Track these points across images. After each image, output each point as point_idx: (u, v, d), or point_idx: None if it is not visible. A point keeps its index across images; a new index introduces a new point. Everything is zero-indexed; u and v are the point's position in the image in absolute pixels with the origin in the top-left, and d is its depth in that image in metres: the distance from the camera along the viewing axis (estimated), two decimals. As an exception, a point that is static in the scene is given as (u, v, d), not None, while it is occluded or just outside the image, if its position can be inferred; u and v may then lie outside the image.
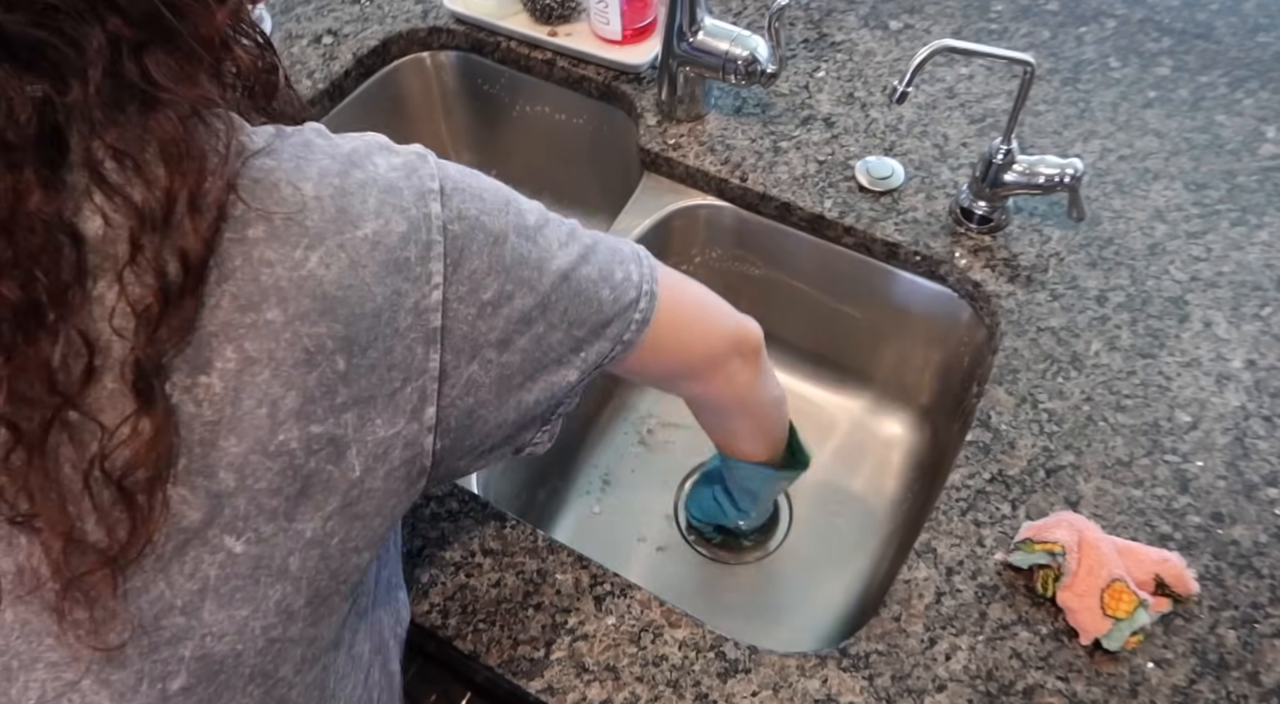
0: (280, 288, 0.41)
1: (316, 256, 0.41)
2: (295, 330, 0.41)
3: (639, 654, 0.65)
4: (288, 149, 0.44)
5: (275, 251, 0.41)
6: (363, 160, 0.45)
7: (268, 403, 0.41)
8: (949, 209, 0.88)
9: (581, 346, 0.53)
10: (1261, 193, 0.88)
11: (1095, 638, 0.62)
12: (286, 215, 0.41)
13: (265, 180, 0.42)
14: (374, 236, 0.43)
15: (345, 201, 0.43)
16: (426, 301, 0.45)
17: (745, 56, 0.88)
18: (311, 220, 0.42)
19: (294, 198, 0.42)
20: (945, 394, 0.96)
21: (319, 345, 0.41)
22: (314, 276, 0.41)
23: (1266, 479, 0.71)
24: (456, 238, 0.46)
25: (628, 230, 0.94)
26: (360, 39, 1.06)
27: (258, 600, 0.43)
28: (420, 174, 0.47)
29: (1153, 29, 1.02)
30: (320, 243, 0.42)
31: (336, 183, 0.43)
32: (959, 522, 0.70)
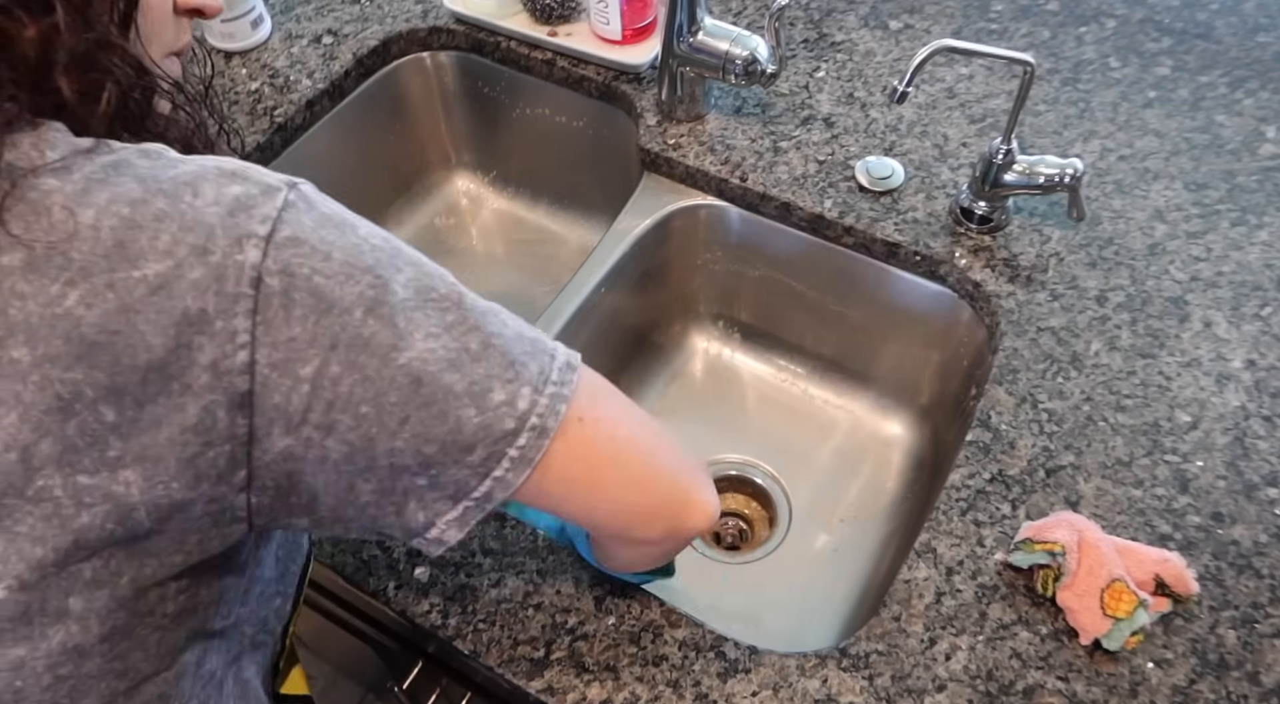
0: (30, 325, 0.37)
1: (77, 294, 0.37)
2: (44, 373, 0.37)
3: (639, 654, 0.65)
4: (88, 167, 0.39)
5: (30, 284, 0.37)
6: (181, 189, 0.39)
7: (17, 448, 0.37)
8: (949, 209, 0.88)
9: (432, 466, 0.43)
10: (1261, 193, 0.88)
11: (1095, 638, 0.62)
12: (50, 244, 0.37)
13: (39, 202, 0.37)
14: (155, 280, 0.37)
15: (128, 235, 0.38)
16: (230, 361, 0.39)
17: (745, 56, 0.88)
18: (79, 253, 0.37)
19: (64, 224, 0.37)
20: (945, 394, 0.96)
21: (75, 392, 0.37)
22: (70, 316, 0.37)
23: (1266, 479, 0.71)
24: (272, 295, 0.39)
25: (628, 230, 0.94)
26: (360, 39, 1.06)
27: (34, 640, 0.41)
28: (251, 212, 0.40)
29: (1153, 29, 1.02)
30: (84, 279, 0.37)
31: (125, 212, 0.38)
32: (959, 522, 0.70)
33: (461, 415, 0.42)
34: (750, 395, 1.07)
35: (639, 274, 0.97)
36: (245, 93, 1.01)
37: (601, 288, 0.92)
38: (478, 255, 1.21)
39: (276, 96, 1.01)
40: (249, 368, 0.39)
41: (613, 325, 0.98)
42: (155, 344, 0.38)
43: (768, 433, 1.03)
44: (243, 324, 0.38)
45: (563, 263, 1.18)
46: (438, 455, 0.43)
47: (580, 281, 0.91)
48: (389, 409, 0.41)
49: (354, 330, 0.40)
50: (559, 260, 1.18)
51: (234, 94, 1.01)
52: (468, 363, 0.43)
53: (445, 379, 0.42)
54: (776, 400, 1.06)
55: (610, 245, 0.93)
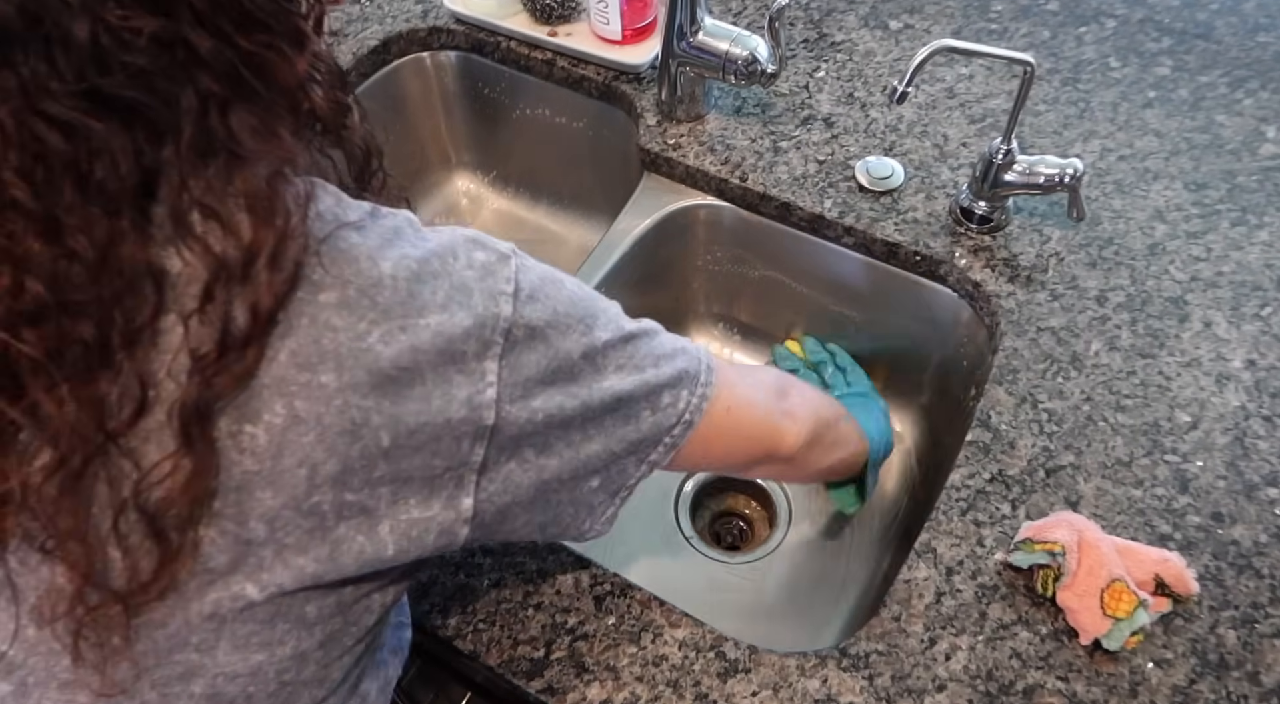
0: (339, 355, 0.41)
1: (379, 332, 0.42)
2: (346, 399, 0.41)
3: (639, 654, 0.65)
4: (377, 229, 0.45)
5: (342, 319, 0.41)
6: (444, 253, 0.46)
7: (308, 465, 0.41)
8: (949, 209, 0.88)
9: (614, 461, 0.54)
10: (1261, 193, 0.88)
11: (1095, 638, 0.62)
12: (360, 288, 0.42)
13: (348, 251, 0.43)
14: (436, 326, 0.43)
15: (417, 288, 0.43)
16: (480, 397, 0.45)
17: (745, 56, 0.88)
18: (383, 297, 0.42)
19: (370, 272, 0.43)
20: (945, 394, 0.96)
21: (365, 419, 0.42)
22: (372, 351, 0.42)
23: (1266, 479, 0.71)
24: (517, 343, 0.46)
25: (628, 230, 0.94)
26: (360, 39, 1.06)
27: (273, 646, 0.44)
28: (497, 275, 0.47)
29: (1153, 29, 1.02)
30: (385, 320, 0.42)
31: (414, 268, 0.44)
32: (959, 522, 0.70)
33: (641, 418, 0.53)
34: (750, 395, 1.07)
35: (639, 274, 0.97)
36: (245, 93, 1.01)
37: (601, 288, 0.92)
38: (478, 255, 1.21)
39: (276, 96, 1.01)
40: (494, 404, 0.46)
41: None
42: (430, 380, 0.43)
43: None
44: (492, 366, 0.45)
45: (563, 263, 1.17)
46: (622, 453, 0.53)
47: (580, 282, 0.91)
48: (593, 421, 0.51)
49: (570, 369, 0.49)
50: (559, 260, 1.18)
51: (234, 94, 1.01)
52: (649, 379, 0.53)
53: (634, 394, 0.52)
54: (776, 400, 1.06)
55: (610, 245, 0.93)
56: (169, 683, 0.42)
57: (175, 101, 0.38)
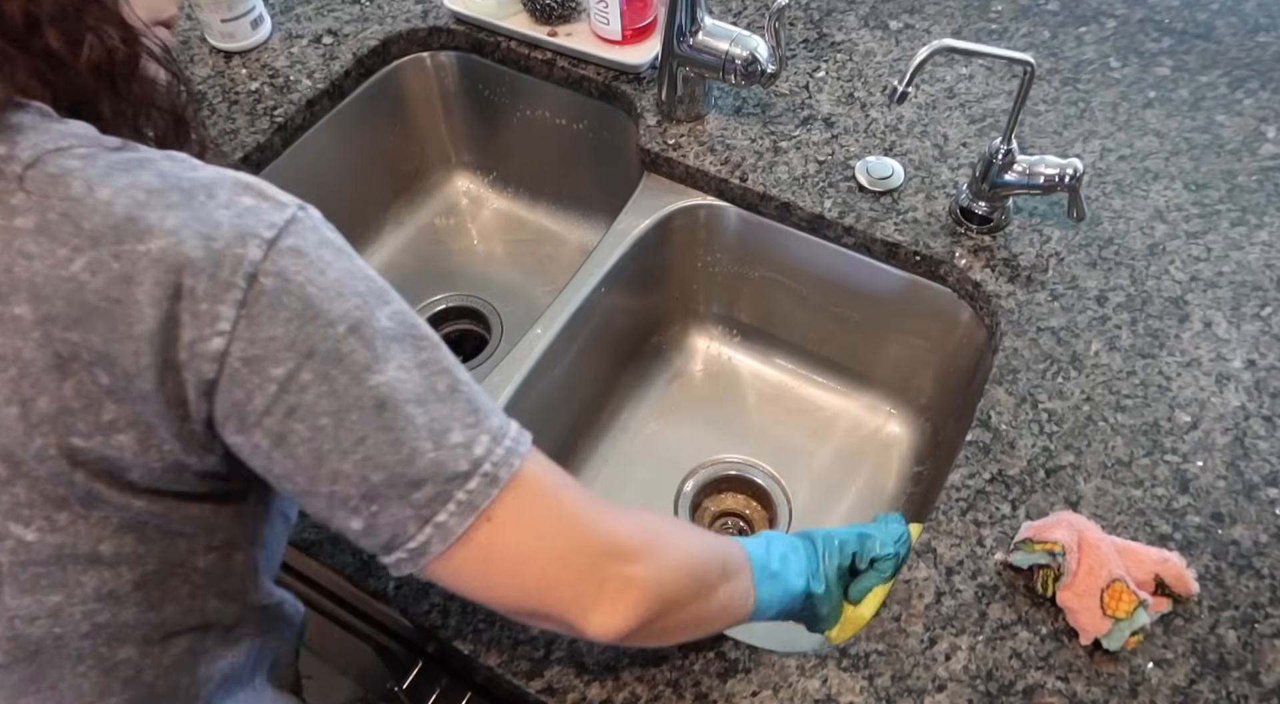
0: (35, 284, 0.38)
1: (84, 260, 0.38)
2: (45, 331, 0.38)
3: (639, 654, 0.65)
4: (113, 158, 0.41)
5: (38, 245, 0.38)
6: (197, 189, 0.41)
7: (17, 401, 0.39)
8: (949, 209, 0.88)
9: (374, 500, 0.42)
10: (1261, 193, 0.88)
11: (1095, 638, 0.62)
12: (64, 211, 0.38)
13: (59, 176, 0.39)
14: (157, 253, 0.39)
15: (140, 213, 0.39)
16: (205, 346, 0.39)
17: (745, 56, 0.88)
18: (90, 222, 0.39)
19: (82, 197, 0.39)
20: (945, 394, 0.96)
21: (72, 353, 0.39)
22: (75, 280, 0.38)
23: (1266, 479, 0.71)
24: (263, 293, 0.40)
25: (628, 230, 0.94)
26: (360, 39, 1.06)
27: (69, 586, 0.43)
28: (260, 218, 0.41)
29: (1153, 29, 1.02)
30: (93, 247, 0.38)
31: (141, 197, 0.40)
32: (959, 522, 0.70)
33: (417, 448, 0.42)
34: (750, 395, 1.07)
35: (639, 274, 0.97)
36: (245, 93, 1.01)
37: (601, 288, 0.92)
38: (478, 255, 1.21)
39: (276, 96, 1.01)
40: (220, 357, 0.40)
41: (613, 325, 0.98)
42: (148, 315, 0.39)
43: (768, 433, 1.03)
44: (227, 312, 0.39)
45: (563, 263, 1.18)
46: (383, 487, 0.42)
47: (580, 281, 0.91)
48: (348, 426, 0.41)
49: (334, 343, 0.40)
50: (559, 260, 1.18)
51: (234, 94, 1.01)
52: (433, 401, 0.42)
53: (409, 410, 0.42)
54: (776, 400, 1.06)
55: (610, 245, 0.93)
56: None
57: None
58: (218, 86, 1.01)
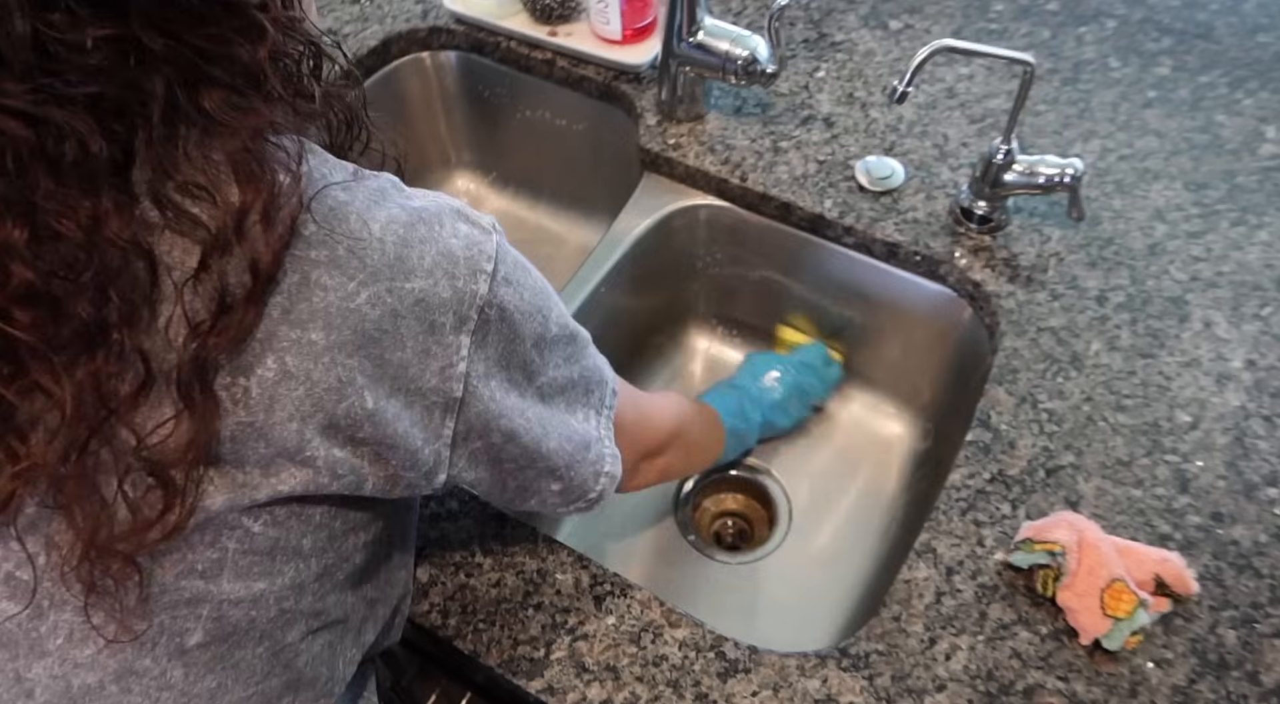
0: (329, 313, 0.42)
1: (367, 294, 0.43)
2: (334, 357, 0.42)
3: (639, 654, 0.65)
4: (363, 190, 0.45)
5: (332, 278, 0.42)
6: (430, 219, 0.46)
7: (299, 418, 0.42)
8: (949, 209, 0.88)
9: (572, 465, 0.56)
10: (1261, 193, 0.88)
11: (1095, 638, 0.62)
12: (350, 247, 0.43)
13: (338, 210, 0.43)
14: (419, 293, 0.44)
15: (405, 251, 0.44)
16: (452, 370, 0.46)
17: (745, 56, 0.88)
18: (371, 259, 0.43)
19: (360, 232, 0.43)
20: (945, 394, 0.96)
21: (350, 378, 0.43)
22: (359, 312, 0.42)
23: (1266, 479, 0.71)
24: (488, 322, 0.47)
25: (628, 230, 0.94)
26: (360, 39, 1.06)
27: (274, 575, 0.46)
28: (481, 249, 0.47)
29: (1153, 29, 1.02)
30: (374, 282, 0.43)
31: (401, 232, 0.44)
32: (959, 522, 0.70)
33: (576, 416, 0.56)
34: (750, 395, 1.07)
35: (639, 274, 0.97)
36: (245, 93, 1.01)
37: (601, 288, 0.92)
38: (478, 255, 1.21)
39: (276, 96, 1.01)
40: (463, 378, 0.47)
41: (613, 325, 0.98)
42: (408, 346, 0.44)
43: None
44: (465, 341, 0.46)
45: (563, 263, 1.18)
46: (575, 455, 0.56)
47: (580, 282, 0.91)
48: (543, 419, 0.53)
49: (523, 356, 0.51)
50: (559, 260, 1.18)
51: (234, 94, 1.01)
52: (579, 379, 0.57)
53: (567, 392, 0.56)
54: (776, 400, 1.06)
55: (610, 245, 0.93)
56: (177, 606, 0.44)
57: (138, 88, 0.38)
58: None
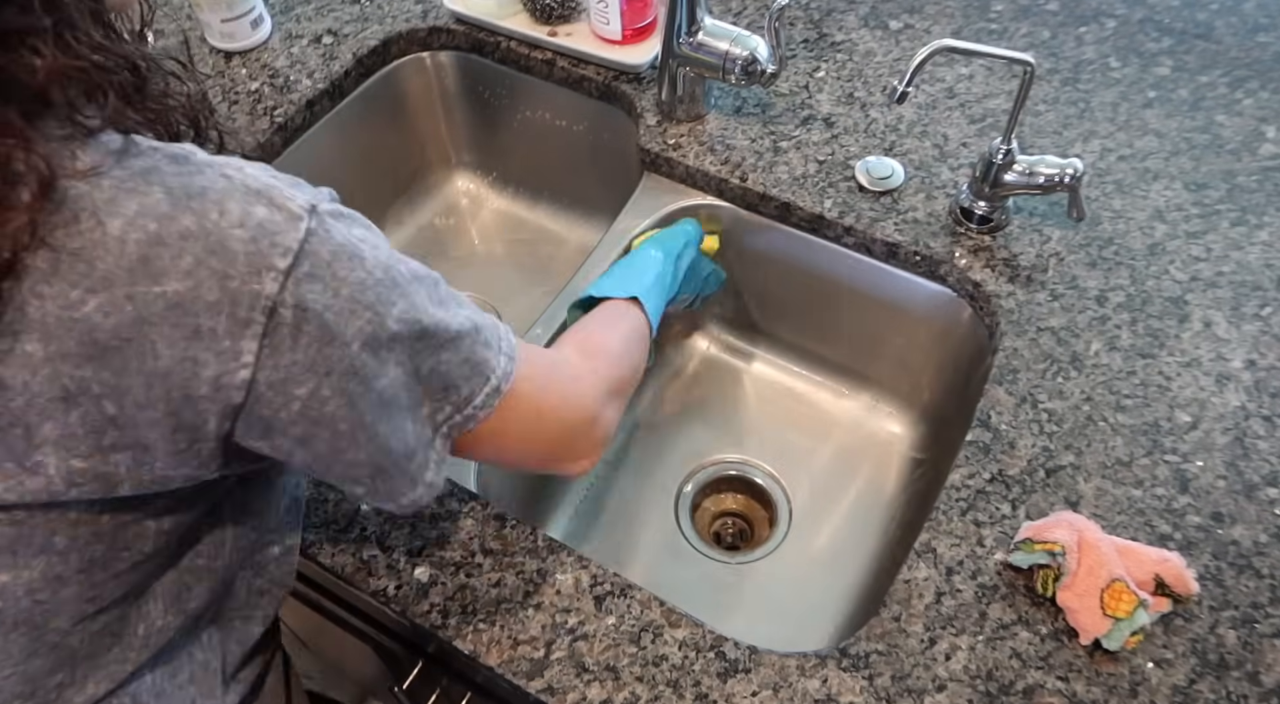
0: (46, 324, 0.38)
1: (96, 302, 0.38)
2: (55, 368, 0.39)
3: (639, 654, 0.65)
4: (117, 175, 0.40)
5: (50, 287, 0.38)
6: (207, 206, 0.40)
7: (21, 425, 0.40)
8: (949, 209, 0.88)
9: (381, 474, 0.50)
10: (1261, 193, 0.88)
11: (1095, 638, 0.62)
12: (75, 251, 0.38)
13: (69, 207, 0.39)
14: (173, 297, 0.39)
15: (153, 251, 0.39)
16: (230, 378, 0.41)
17: (745, 56, 0.88)
18: (104, 263, 0.39)
19: (92, 233, 0.39)
20: (945, 394, 0.96)
21: (81, 387, 0.39)
22: (87, 321, 0.39)
23: (1266, 479, 0.71)
24: (282, 324, 0.42)
25: (628, 230, 0.94)
26: (360, 39, 1.06)
27: (18, 568, 0.44)
28: (274, 240, 0.41)
29: (1153, 29, 1.02)
30: (105, 288, 0.39)
31: (153, 229, 0.39)
32: (959, 522, 0.70)
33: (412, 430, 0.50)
34: (750, 395, 1.07)
35: (639, 274, 0.97)
36: (245, 93, 1.01)
37: (601, 288, 0.92)
38: (478, 255, 1.21)
39: (276, 96, 1.01)
40: (247, 385, 0.42)
41: (613, 325, 0.98)
42: (164, 354, 0.40)
43: (768, 433, 1.03)
44: (249, 346, 0.41)
45: (563, 263, 1.18)
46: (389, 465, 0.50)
47: (580, 281, 0.91)
48: (364, 425, 0.46)
49: (349, 361, 0.44)
50: (559, 260, 1.18)
51: (234, 94, 1.01)
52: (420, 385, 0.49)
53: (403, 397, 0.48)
54: (776, 400, 1.06)
55: (610, 245, 0.93)
56: None
57: None
58: (218, 86, 1.01)
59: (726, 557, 0.95)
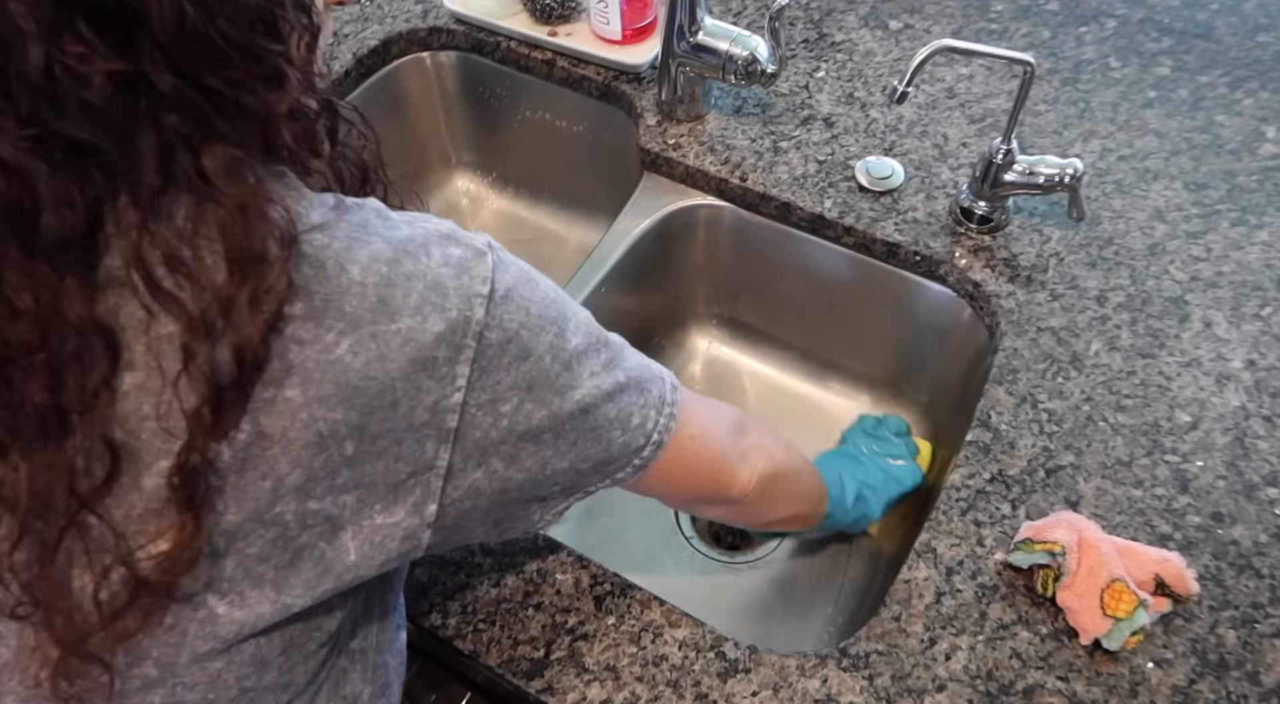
0: (306, 368, 0.40)
1: (348, 343, 0.40)
2: (312, 413, 0.40)
3: (639, 654, 0.65)
4: (343, 227, 0.42)
5: (308, 332, 0.40)
6: (416, 250, 0.43)
7: (273, 477, 0.40)
8: (949, 209, 0.88)
9: (580, 481, 0.53)
10: (1261, 193, 0.88)
11: (1095, 638, 0.62)
12: (326, 296, 0.40)
13: (314, 256, 0.41)
14: (407, 332, 0.42)
15: (388, 292, 0.42)
16: (446, 402, 0.44)
17: (745, 56, 0.88)
18: (351, 306, 0.41)
19: (338, 279, 0.41)
20: (945, 394, 0.96)
21: (332, 430, 0.40)
22: (340, 363, 0.40)
23: (1266, 479, 0.71)
24: (489, 347, 0.44)
25: (628, 230, 0.94)
26: (360, 39, 1.06)
27: (232, 654, 0.43)
28: (472, 274, 0.44)
29: (1153, 29, 1.02)
30: (354, 330, 0.40)
31: (384, 271, 0.42)
32: (959, 522, 0.70)
33: (612, 436, 0.52)
34: (750, 395, 1.07)
35: (639, 274, 0.97)
36: (245, 93, 1.01)
37: (601, 288, 0.92)
38: (478, 255, 1.21)
39: (276, 96, 1.01)
40: (460, 407, 0.44)
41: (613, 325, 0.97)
42: (399, 387, 0.42)
43: (768, 433, 1.03)
44: (463, 371, 0.44)
45: (563, 263, 1.18)
46: (588, 473, 0.52)
47: (580, 282, 0.91)
48: (564, 435, 0.49)
49: (543, 373, 0.47)
50: (559, 260, 1.18)
51: (234, 94, 1.01)
52: (617, 394, 0.52)
53: (604, 409, 0.51)
54: (776, 400, 1.06)
55: (610, 245, 0.93)
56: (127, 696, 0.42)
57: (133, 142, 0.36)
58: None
59: (727, 557, 0.95)
